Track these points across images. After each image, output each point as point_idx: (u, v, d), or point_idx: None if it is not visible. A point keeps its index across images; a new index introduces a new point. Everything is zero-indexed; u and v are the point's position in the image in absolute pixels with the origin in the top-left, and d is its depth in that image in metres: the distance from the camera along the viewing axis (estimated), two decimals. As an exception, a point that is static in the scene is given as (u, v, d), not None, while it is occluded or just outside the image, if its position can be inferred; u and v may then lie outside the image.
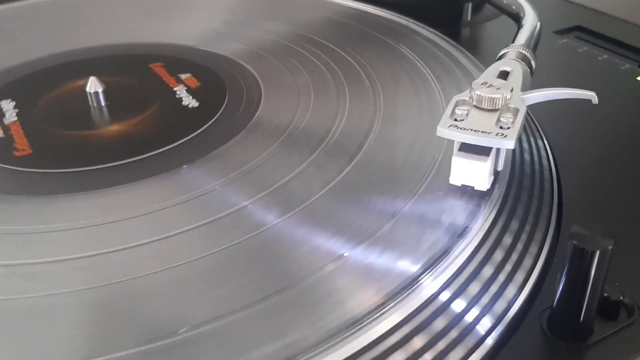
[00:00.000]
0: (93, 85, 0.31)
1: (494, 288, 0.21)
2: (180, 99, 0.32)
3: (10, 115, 0.31)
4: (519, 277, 0.22)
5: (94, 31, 0.40)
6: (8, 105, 0.31)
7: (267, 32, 0.38)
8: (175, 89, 0.33)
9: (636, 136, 0.31)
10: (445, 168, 0.24)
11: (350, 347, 0.18)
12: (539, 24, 0.30)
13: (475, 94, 0.23)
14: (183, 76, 0.34)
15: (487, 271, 0.22)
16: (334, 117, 0.29)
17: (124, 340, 0.18)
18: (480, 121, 0.23)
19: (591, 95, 0.23)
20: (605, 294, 0.21)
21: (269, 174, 0.26)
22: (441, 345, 0.19)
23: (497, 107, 0.23)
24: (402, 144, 0.27)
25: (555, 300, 0.20)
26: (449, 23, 0.39)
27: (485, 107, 0.23)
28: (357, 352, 0.18)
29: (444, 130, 0.23)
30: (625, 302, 0.21)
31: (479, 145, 0.23)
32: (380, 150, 0.27)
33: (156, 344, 0.18)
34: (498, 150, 0.23)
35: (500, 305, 0.21)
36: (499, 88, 0.23)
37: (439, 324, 0.20)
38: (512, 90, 0.23)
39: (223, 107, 0.31)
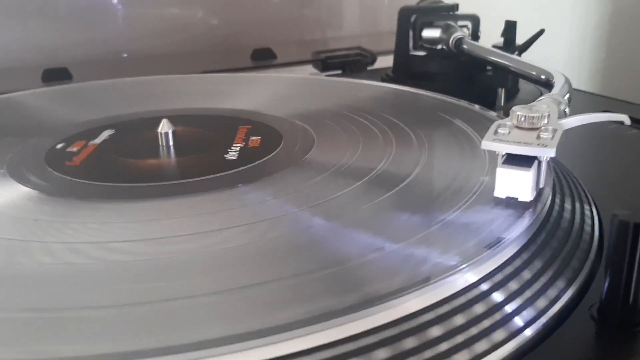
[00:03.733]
0: (165, 126, 0.34)
1: (535, 286, 0.22)
2: (242, 143, 0.35)
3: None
4: (565, 277, 0.23)
5: (170, 101, 0.45)
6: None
7: (320, 103, 0.42)
8: (236, 136, 0.36)
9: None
10: (486, 195, 0.26)
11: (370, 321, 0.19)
12: (568, 82, 0.33)
13: (516, 114, 0.26)
14: (244, 127, 0.37)
15: (527, 274, 0.23)
16: (379, 160, 0.32)
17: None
18: (521, 137, 0.25)
19: (623, 117, 0.26)
20: (653, 288, 0.21)
21: (315, 194, 0.28)
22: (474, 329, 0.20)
23: (536, 126, 0.25)
24: (443, 179, 0.29)
25: (605, 286, 0.21)
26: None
27: (526, 126, 0.26)
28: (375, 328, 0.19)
29: (488, 143, 0.25)
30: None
31: (520, 158, 0.25)
32: (421, 183, 0.29)
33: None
34: (539, 165, 0.25)
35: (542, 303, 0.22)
36: (537, 110, 0.26)
37: (463, 316, 0.20)
38: (549, 114, 0.26)
39: (278, 149, 0.34)
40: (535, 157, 0.25)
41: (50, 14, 0.60)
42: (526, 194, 0.25)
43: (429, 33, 0.51)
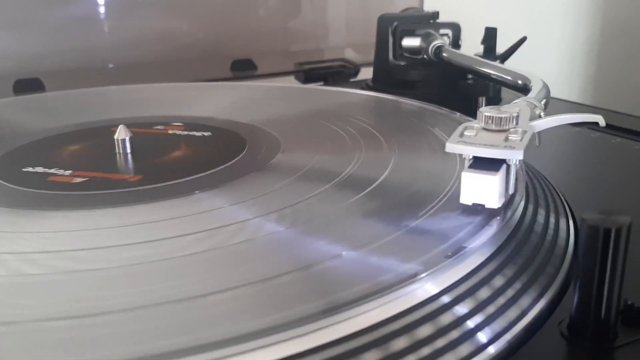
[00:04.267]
0: (121, 132, 0.32)
1: (500, 301, 0.20)
2: (201, 143, 0.33)
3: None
4: (534, 290, 0.21)
5: (134, 109, 0.43)
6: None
7: (292, 110, 0.41)
8: (194, 134, 0.34)
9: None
10: (454, 202, 0.24)
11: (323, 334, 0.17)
12: (546, 87, 0.32)
13: (483, 115, 0.24)
14: (205, 133, 0.36)
15: (497, 282, 0.21)
16: (348, 163, 0.30)
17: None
18: (488, 138, 0.23)
19: (598, 118, 0.24)
20: (628, 302, 0.20)
21: (276, 200, 0.26)
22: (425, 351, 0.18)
23: (505, 128, 0.24)
24: (410, 185, 0.28)
25: (575, 299, 0.19)
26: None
27: (493, 127, 0.24)
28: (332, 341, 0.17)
29: (452, 145, 0.23)
30: (652, 312, 0.20)
31: (488, 162, 0.23)
32: (388, 189, 0.27)
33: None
34: (508, 169, 0.24)
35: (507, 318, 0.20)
36: (506, 111, 0.24)
37: (427, 329, 0.18)
38: (518, 114, 0.24)
39: (241, 155, 0.32)
40: (503, 161, 0.23)
41: (28, 23, 0.58)
42: (493, 200, 0.23)
43: (409, 42, 0.49)
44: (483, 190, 0.23)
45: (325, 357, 0.17)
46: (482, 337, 0.19)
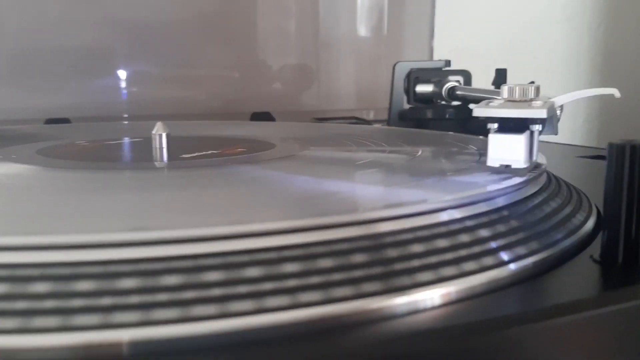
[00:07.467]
0: (159, 128, 0.34)
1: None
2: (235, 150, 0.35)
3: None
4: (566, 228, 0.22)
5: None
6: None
7: (317, 133, 0.43)
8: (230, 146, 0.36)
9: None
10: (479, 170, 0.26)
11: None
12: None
13: (506, 87, 0.26)
14: (238, 140, 0.38)
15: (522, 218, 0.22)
16: (372, 156, 0.32)
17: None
18: (512, 106, 0.25)
19: (613, 91, 0.26)
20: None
21: (306, 170, 0.28)
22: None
23: (528, 98, 0.26)
24: (437, 164, 0.30)
25: (606, 228, 0.20)
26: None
27: (517, 98, 0.26)
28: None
29: (480, 109, 0.25)
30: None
31: (513, 128, 0.25)
32: (413, 167, 0.29)
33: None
34: (532, 135, 0.25)
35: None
36: (528, 84, 0.26)
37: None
38: (539, 87, 0.26)
39: (270, 150, 0.34)
40: (527, 127, 0.25)
41: (53, 73, 0.62)
42: (520, 160, 0.24)
43: (422, 88, 0.52)
44: (510, 151, 0.24)
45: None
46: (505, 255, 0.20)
